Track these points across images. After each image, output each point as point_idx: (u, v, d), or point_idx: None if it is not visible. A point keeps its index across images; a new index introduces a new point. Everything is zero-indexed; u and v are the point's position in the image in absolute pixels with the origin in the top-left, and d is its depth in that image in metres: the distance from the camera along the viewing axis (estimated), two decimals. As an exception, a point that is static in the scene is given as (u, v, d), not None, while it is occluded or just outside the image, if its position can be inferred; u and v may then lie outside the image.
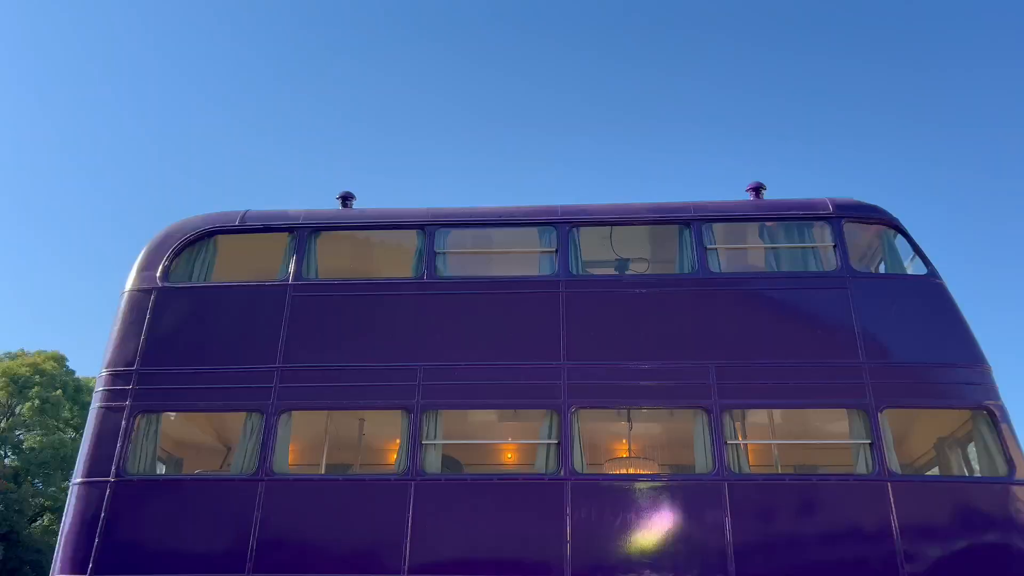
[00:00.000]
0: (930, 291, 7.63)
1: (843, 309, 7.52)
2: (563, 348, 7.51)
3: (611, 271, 8.64)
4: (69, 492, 7.30)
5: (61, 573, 6.84)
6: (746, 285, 7.93)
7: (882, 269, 8.22)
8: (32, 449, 25.31)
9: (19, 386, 25.99)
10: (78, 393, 27.13)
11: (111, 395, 7.51)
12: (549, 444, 7.24)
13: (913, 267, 7.96)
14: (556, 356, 7.49)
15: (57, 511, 24.02)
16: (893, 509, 6.74)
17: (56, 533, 7.24)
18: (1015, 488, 6.81)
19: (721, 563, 6.66)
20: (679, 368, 7.41)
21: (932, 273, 7.71)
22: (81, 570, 6.79)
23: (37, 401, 25.67)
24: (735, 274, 8.16)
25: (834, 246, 7.84)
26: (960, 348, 7.35)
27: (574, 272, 7.88)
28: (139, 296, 7.93)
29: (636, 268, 8.71)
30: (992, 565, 6.57)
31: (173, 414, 7.80)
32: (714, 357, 7.39)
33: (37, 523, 25.13)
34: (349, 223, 8.46)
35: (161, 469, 8.16)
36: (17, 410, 26.33)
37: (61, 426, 26.87)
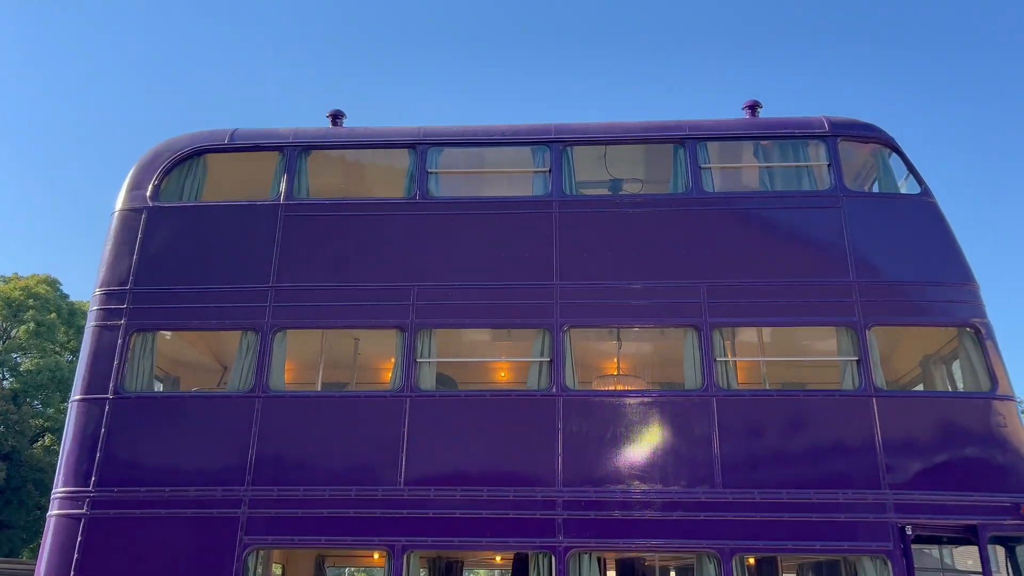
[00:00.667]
0: (922, 210, 7.65)
1: (835, 228, 7.55)
2: (556, 268, 7.55)
3: (605, 191, 8.61)
4: (68, 409, 7.41)
5: (64, 486, 7.00)
6: (739, 204, 7.93)
7: (876, 188, 8.21)
8: (29, 372, 25.54)
9: (13, 309, 26.05)
10: (72, 316, 27.21)
11: (106, 314, 7.55)
12: (541, 362, 7.35)
13: (907, 187, 7.95)
14: (549, 276, 7.54)
15: (57, 432, 24.39)
16: (877, 424, 6.91)
17: (57, 453, 7.38)
18: (996, 403, 6.98)
19: (708, 475, 6.86)
20: (670, 287, 7.48)
21: (925, 192, 7.71)
22: (84, 483, 6.95)
23: (32, 324, 25.78)
24: (728, 193, 8.14)
25: (828, 165, 7.81)
26: (949, 266, 7.42)
27: (567, 192, 7.85)
28: (130, 215, 7.89)
29: (630, 188, 8.68)
30: (971, 477, 6.77)
31: (168, 333, 7.86)
32: (705, 276, 7.45)
33: (38, 443, 25.54)
34: (339, 142, 8.36)
35: (158, 387, 8.28)
36: (12, 333, 26.46)
37: (57, 349, 27.07)
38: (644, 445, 7.02)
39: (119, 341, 7.40)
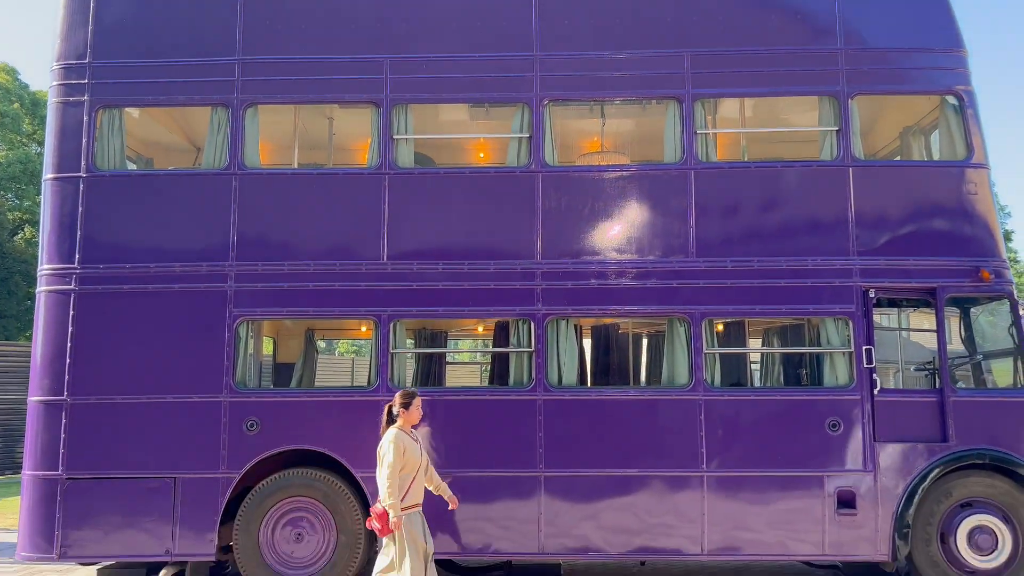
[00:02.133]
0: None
1: None
2: (535, 38, 7.29)
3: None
4: (43, 189, 7.34)
5: (49, 263, 7.09)
6: None
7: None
8: (0, 164, 25.03)
9: (-29, 101, 25.05)
10: (36, 107, 26.27)
11: (67, 89, 7.27)
12: (521, 138, 7.28)
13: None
14: (528, 47, 7.29)
15: (36, 224, 24.36)
16: (851, 193, 7.03)
17: (38, 245, 7.39)
18: (969, 171, 7.08)
19: (682, 245, 7.06)
20: (653, 57, 7.28)
21: (920, -49, 7.31)
22: (68, 261, 7.03)
23: (-6, 115, 24.92)
24: None
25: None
26: (938, 31, 7.22)
27: (547, -46, 7.37)
28: (80, -20, 7.36)
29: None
30: (937, 243, 7.01)
31: (136, 111, 7.62)
32: (690, 44, 7.24)
33: (19, 236, 25.60)
34: None
35: (132, 168, 8.16)
36: (-25, 126, 25.62)
37: (24, 140, 26.37)
38: (621, 219, 7.14)
39: (85, 118, 7.19)
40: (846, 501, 6.68)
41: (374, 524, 5.58)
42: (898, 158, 8.14)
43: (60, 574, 7.81)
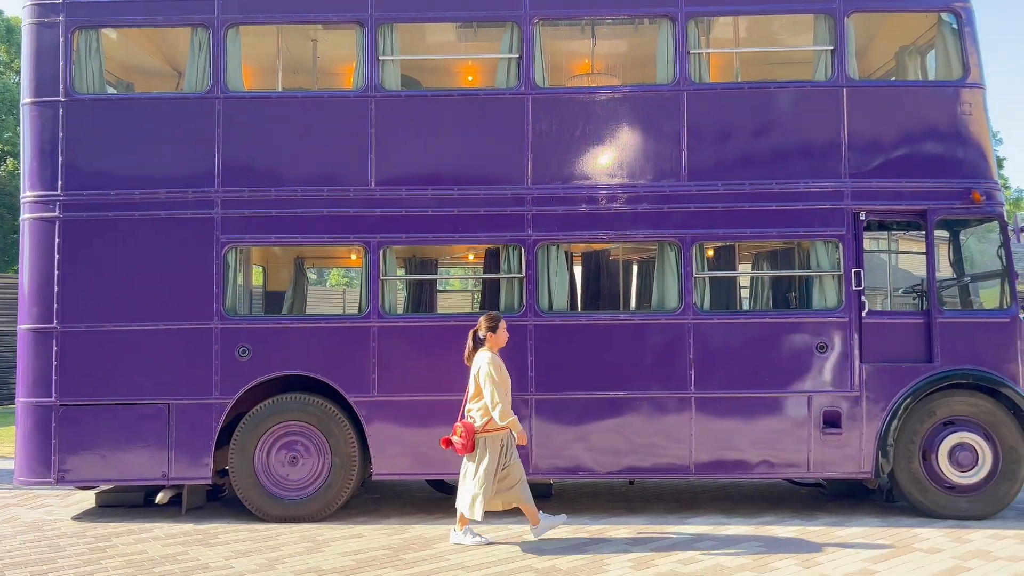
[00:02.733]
0: None
1: None
2: None
3: None
4: (21, 113, 7.18)
5: (32, 190, 6.98)
6: None
7: None
8: (-24, 94, 24.44)
9: (-57, 27, 24.29)
10: (10, 34, 25.52)
11: (41, 10, 7.03)
12: (510, 59, 7.12)
13: None
14: None
15: (19, 156, 23.94)
16: (844, 115, 6.95)
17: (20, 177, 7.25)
18: (964, 91, 6.99)
19: (674, 169, 7.00)
20: None
21: None
22: (51, 187, 6.92)
23: (-32, 43, 24.21)
24: None
25: None
26: None
27: None
28: None
29: None
30: (929, 165, 6.96)
31: (113, 32, 7.40)
32: None
33: (1, 167, 25.18)
34: None
35: (112, 92, 7.96)
36: (-51, 53, 24.91)
37: (2, 70, 25.69)
38: (612, 142, 7.06)
39: (61, 40, 6.98)
40: (831, 421, 6.80)
41: (455, 441, 5.89)
42: (893, 79, 8.02)
43: (59, 498, 7.93)
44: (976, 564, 5.45)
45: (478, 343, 6.11)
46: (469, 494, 5.91)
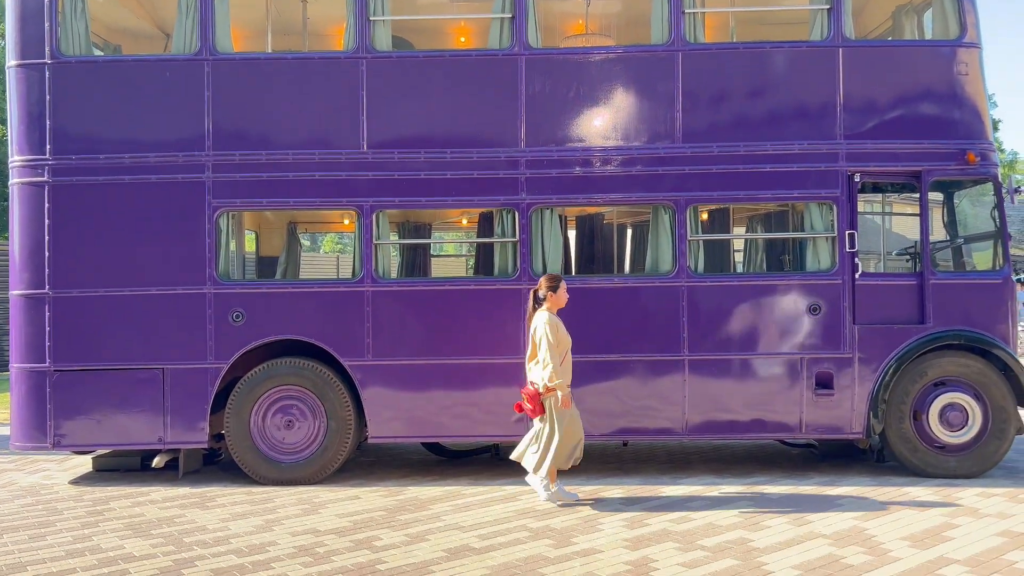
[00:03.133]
0: None
1: None
2: None
3: None
4: (7, 76, 7.07)
5: (20, 155, 6.90)
6: None
7: None
8: (-39, 59, 24.06)
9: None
10: (-6, -3, 25.04)
11: (24, -30, 6.91)
12: (503, 19, 7.04)
13: None
14: None
15: (6, 122, 23.67)
16: (840, 75, 6.89)
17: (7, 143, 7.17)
18: (960, 51, 6.93)
19: (668, 131, 6.96)
20: None
21: None
22: (39, 151, 6.84)
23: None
24: None
25: None
26: None
27: None
28: None
29: None
30: (924, 126, 6.93)
31: (98, -7, 7.28)
32: None
33: (-10, 134, 24.86)
34: None
35: (99, 55, 7.85)
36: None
37: (-15, 34, 25.23)
38: (607, 104, 7.00)
39: (46, 1, 6.85)
40: (824, 382, 6.84)
41: (525, 405, 5.96)
42: (890, 39, 7.94)
43: (55, 463, 7.97)
44: (965, 521, 5.54)
45: (538, 303, 6.12)
46: (538, 454, 6.02)
